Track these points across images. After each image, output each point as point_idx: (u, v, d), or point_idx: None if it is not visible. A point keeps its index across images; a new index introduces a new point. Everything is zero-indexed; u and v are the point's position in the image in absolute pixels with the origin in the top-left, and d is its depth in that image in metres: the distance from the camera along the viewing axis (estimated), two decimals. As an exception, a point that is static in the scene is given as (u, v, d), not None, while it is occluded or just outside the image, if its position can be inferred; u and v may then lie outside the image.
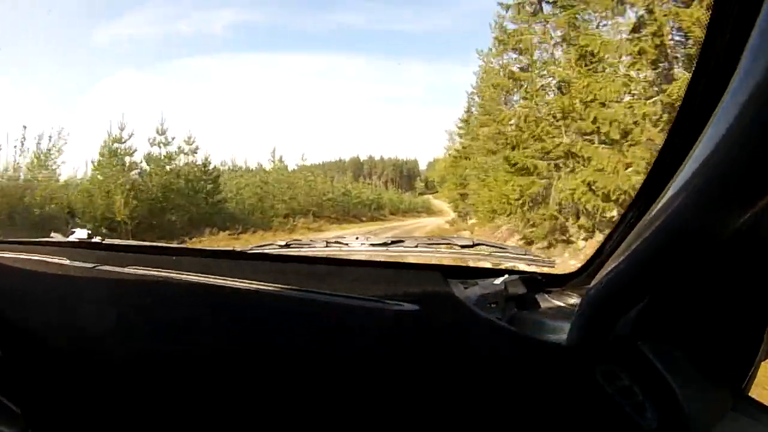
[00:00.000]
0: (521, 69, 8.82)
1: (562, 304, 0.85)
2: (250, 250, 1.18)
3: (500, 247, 1.08)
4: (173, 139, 13.54)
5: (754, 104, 0.36)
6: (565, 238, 7.34)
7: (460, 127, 16.72)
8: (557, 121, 7.10)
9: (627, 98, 6.29)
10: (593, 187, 6.16)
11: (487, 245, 1.08)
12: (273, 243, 1.20)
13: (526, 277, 0.88)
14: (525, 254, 1.00)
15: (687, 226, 0.46)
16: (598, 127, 6.21)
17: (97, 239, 1.29)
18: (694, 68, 0.49)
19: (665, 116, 5.83)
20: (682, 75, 6.02)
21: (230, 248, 1.32)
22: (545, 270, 0.95)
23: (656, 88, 6.24)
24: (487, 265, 1.01)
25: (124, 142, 12.50)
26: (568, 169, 6.95)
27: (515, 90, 9.28)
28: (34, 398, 1.00)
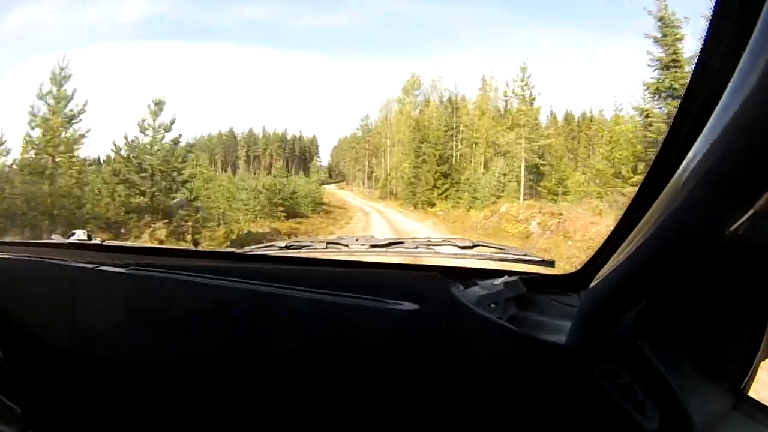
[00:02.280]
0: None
1: (562, 305, 0.85)
2: (250, 251, 1.18)
3: (500, 248, 1.07)
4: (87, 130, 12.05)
5: (753, 105, 0.36)
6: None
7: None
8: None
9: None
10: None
11: (486, 246, 1.08)
12: (273, 244, 1.21)
13: (526, 278, 0.88)
14: (524, 255, 1.00)
15: (686, 226, 0.46)
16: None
17: (97, 240, 1.29)
18: (694, 68, 0.49)
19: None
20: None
21: (230, 250, 1.32)
22: (545, 270, 0.95)
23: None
24: (487, 265, 1.01)
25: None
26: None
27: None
28: (34, 398, 1.01)
